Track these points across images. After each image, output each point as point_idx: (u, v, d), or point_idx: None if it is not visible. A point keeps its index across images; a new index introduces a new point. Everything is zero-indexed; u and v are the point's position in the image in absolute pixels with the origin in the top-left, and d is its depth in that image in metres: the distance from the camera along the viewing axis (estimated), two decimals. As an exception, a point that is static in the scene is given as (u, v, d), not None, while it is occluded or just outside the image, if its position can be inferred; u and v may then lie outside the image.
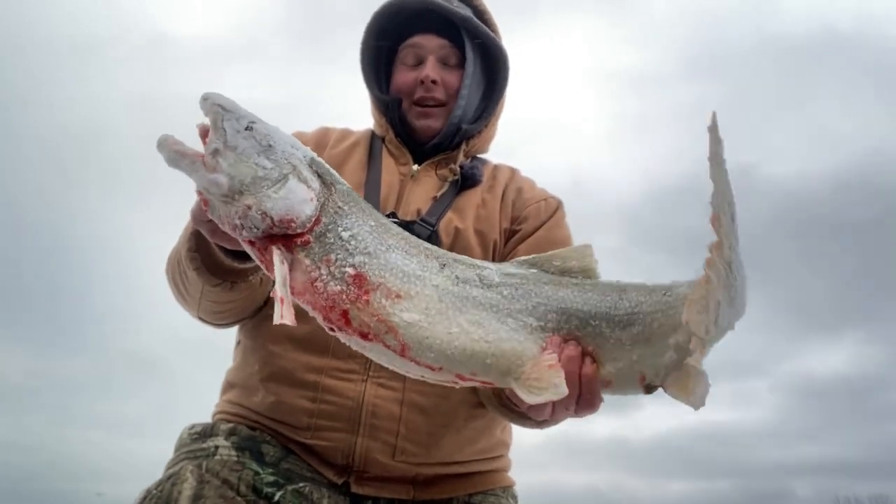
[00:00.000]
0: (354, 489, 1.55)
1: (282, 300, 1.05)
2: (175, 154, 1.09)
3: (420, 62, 1.84)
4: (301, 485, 1.50)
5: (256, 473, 1.49)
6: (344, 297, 1.09)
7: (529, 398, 1.11)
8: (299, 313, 1.14)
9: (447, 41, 1.84)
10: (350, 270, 1.09)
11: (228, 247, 1.25)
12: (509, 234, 1.78)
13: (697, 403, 1.09)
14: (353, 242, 1.11)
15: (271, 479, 1.50)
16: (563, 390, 1.10)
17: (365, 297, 1.09)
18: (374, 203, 1.69)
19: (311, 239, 1.10)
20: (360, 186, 1.73)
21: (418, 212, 1.70)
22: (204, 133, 1.14)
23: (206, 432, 1.61)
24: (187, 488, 1.41)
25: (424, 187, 1.77)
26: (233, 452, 1.54)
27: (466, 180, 1.79)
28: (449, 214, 1.72)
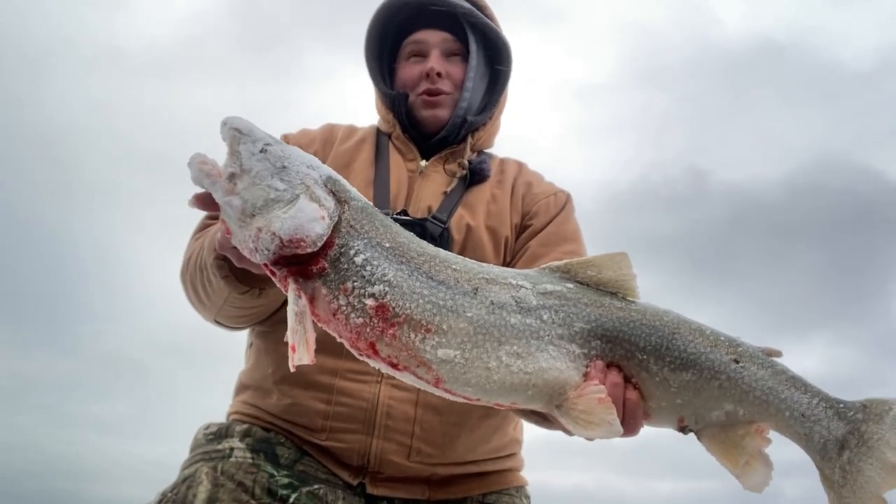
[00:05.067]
0: (370, 490, 1.51)
1: (293, 347, 0.99)
2: (200, 173, 1.07)
3: (423, 56, 1.79)
4: (316, 486, 1.47)
5: (271, 476, 1.46)
6: (368, 330, 1.02)
7: (578, 431, 1.05)
8: None
9: (450, 34, 1.79)
10: (370, 302, 1.01)
11: (255, 271, 1.19)
12: (520, 230, 1.73)
13: (753, 487, 1.07)
14: (368, 268, 1.02)
15: (286, 481, 1.46)
16: (619, 429, 1.04)
17: (391, 331, 1.02)
18: (384, 200, 1.64)
19: (327, 265, 1.03)
20: (368, 184, 1.68)
21: (429, 209, 1.65)
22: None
23: (220, 433, 1.57)
24: (202, 491, 1.39)
25: (434, 183, 1.72)
26: (248, 454, 1.50)
27: (475, 175, 1.74)
28: (460, 211, 1.67)
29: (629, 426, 1.10)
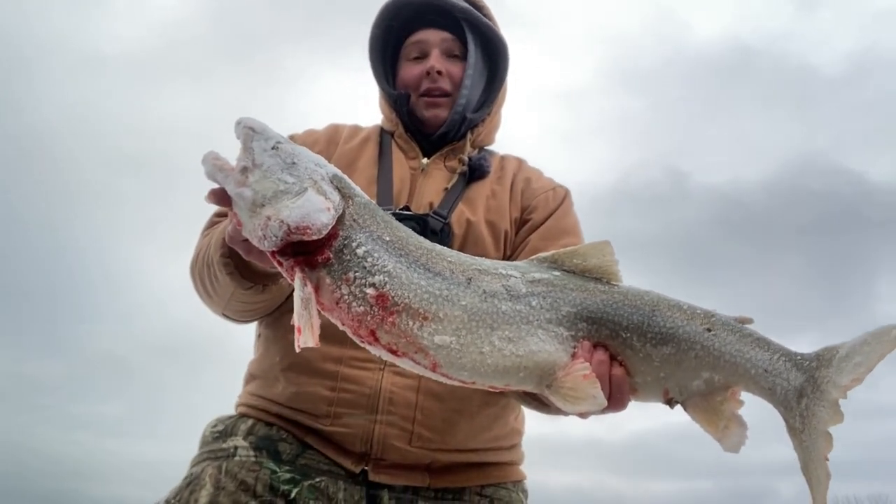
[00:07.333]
0: (372, 477, 1.54)
1: (298, 329, 1.05)
2: (214, 168, 1.12)
3: (424, 56, 1.84)
4: (317, 480, 1.51)
5: (273, 472, 1.51)
6: (369, 318, 1.08)
7: (566, 407, 1.11)
8: None
9: (450, 34, 1.84)
10: (371, 291, 1.08)
11: (261, 264, 1.26)
12: (520, 224, 1.77)
13: (731, 448, 1.13)
14: (369, 260, 1.09)
15: (288, 476, 1.51)
16: (602, 401, 1.10)
17: (391, 319, 1.08)
18: (387, 197, 1.69)
19: (331, 255, 1.09)
20: (372, 181, 1.73)
21: (430, 205, 1.69)
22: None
23: (226, 431, 1.62)
24: (204, 496, 1.46)
25: (435, 180, 1.76)
26: (251, 453, 1.55)
27: (475, 171, 1.78)
28: (460, 206, 1.71)
29: (616, 400, 1.16)
